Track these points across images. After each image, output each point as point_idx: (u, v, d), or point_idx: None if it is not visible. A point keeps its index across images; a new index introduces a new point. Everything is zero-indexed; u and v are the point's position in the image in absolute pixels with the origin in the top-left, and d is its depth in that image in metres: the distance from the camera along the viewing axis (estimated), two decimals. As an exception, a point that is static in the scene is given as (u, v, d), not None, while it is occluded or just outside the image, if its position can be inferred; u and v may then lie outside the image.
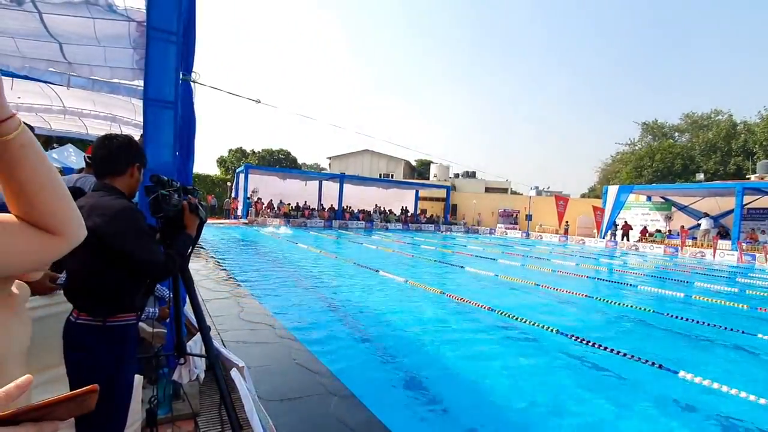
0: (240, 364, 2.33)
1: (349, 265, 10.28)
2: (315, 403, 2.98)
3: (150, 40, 2.72)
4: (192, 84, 2.82)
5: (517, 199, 35.49)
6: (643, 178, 35.71)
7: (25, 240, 0.71)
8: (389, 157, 42.92)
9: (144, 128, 2.62)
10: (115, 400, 1.51)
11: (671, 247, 20.13)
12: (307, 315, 5.51)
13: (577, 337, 4.88)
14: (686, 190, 23.06)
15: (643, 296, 8.29)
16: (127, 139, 1.60)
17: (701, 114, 38.66)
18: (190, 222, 1.79)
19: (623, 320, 6.22)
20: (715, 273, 13.08)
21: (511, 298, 7.40)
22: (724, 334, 5.54)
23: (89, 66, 4.07)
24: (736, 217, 18.96)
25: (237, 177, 27.12)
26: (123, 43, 3.35)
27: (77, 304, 1.52)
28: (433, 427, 3.01)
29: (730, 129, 34.28)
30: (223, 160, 42.11)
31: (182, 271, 2.04)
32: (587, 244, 23.56)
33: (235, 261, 10.04)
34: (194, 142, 2.82)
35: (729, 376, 4.08)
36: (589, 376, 4.00)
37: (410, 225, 28.76)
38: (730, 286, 9.92)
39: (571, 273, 10.95)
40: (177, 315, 2.12)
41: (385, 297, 6.89)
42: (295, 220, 24.73)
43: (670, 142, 38.32)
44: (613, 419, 3.22)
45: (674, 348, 5.01)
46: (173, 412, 2.44)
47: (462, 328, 5.32)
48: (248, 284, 7.16)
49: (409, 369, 3.92)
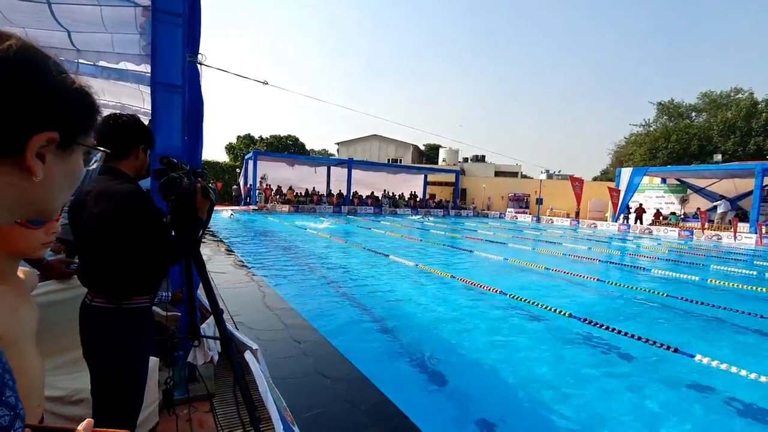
0: (254, 346, 2.34)
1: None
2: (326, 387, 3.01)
3: (156, 23, 2.68)
4: (198, 66, 2.78)
5: (528, 183, 35.05)
6: (658, 160, 34.93)
7: None
8: (398, 142, 42.60)
9: (152, 113, 2.60)
10: (132, 381, 1.52)
11: (686, 230, 19.77)
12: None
13: (591, 320, 4.84)
14: (703, 172, 22.48)
15: (657, 280, 8.19)
16: (133, 119, 1.57)
17: (720, 93, 37.46)
18: (202, 205, 1.78)
19: (637, 304, 6.15)
20: (733, 256, 12.84)
21: (522, 282, 7.36)
22: (742, 318, 5.45)
23: (97, 53, 4.07)
24: (756, 199, 18.48)
25: (246, 163, 27.21)
26: (129, 28, 3.32)
27: (92, 288, 1.52)
28: (446, 408, 3.03)
29: (751, 108, 33.18)
30: (232, 146, 42.25)
31: (194, 254, 2.04)
32: (599, 228, 23.26)
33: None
34: (203, 125, 2.80)
35: (747, 359, 4.02)
36: (603, 359, 3.97)
37: (419, 210, 28.68)
38: (748, 269, 9.73)
39: (583, 257, 10.84)
40: (190, 298, 2.13)
41: (404, 281, 6.91)
42: (304, 206, 24.82)
43: (686, 122, 37.30)
44: (628, 402, 3.20)
45: (691, 332, 4.95)
46: (189, 394, 2.48)
47: (476, 312, 5.31)
48: (265, 271, 7.23)
49: (424, 352, 3.93)
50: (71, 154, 0.55)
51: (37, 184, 0.50)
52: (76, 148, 0.55)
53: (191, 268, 2.07)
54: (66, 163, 0.54)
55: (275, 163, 27.24)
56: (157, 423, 2.17)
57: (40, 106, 0.48)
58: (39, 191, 0.51)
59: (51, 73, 0.50)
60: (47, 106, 0.49)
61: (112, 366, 1.46)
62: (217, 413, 2.42)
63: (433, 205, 30.57)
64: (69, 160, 0.55)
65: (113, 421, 1.50)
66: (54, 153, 0.51)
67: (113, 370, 1.47)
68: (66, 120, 0.51)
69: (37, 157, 0.48)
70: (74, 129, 0.53)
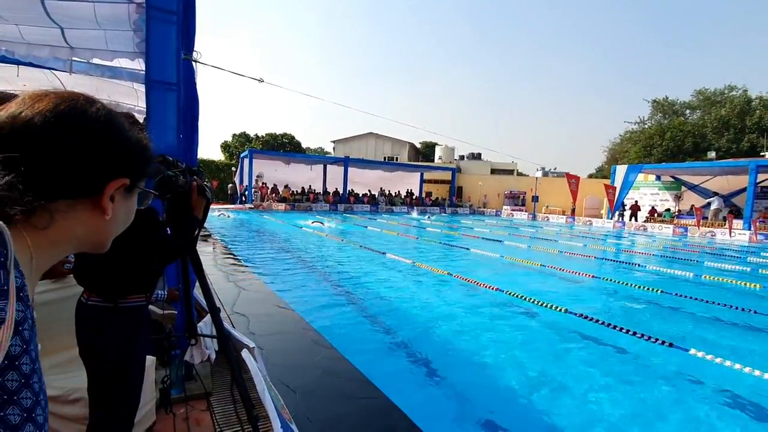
0: (251, 345, 2.34)
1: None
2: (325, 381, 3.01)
3: (150, 20, 2.67)
4: (194, 64, 2.76)
5: (524, 181, 35.15)
6: (653, 157, 35.11)
7: None
8: (394, 139, 42.57)
9: (147, 110, 2.59)
10: (128, 380, 1.52)
11: (680, 227, 19.91)
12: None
13: (587, 316, 4.87)
14: (697, 169, 22.63)
15: (651, 276, 8.24)
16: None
17: (714, 90, 37.66)
18: (197, 203, 1.77)
19: (632, 300, 6.19)
20: (726, 253, 12.94)
21: (519, 278, 7.39)
22: (736, 313, 5.50)
23: (91, 50, 4.04)
24: (749, 196, 18.63)
25: (241, 162, 27.10)
26: (123, 25, 3.30)
27: (88, 287, 1.52)
28: (444, 405, 3.04)
29: (745, 105, 33.40)
30: (227, 145, 42.05)
31: (191, 252, 2.04)
32: (594, 225, 23.38)
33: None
34: (198, 123, 2.79)
35: (741, 354, 4.06)
36: (599, 354, 4.00)
37: (416, 208, 28.70)
38: (742, 266, 9.82)
39: (579, 254, 10.89)
40: (187, 296, 2.12)
41: (400, 278, 6.91)
42: (301, 205, 24.77)
43: (680, 119, 37.49)
44: (624, 395, 3.22)
45: (685, 327, 4.99)
46: (186, 392, 2.48)
47: (473, 308, 5.33)
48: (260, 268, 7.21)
49: (421, 349, 3.94)
50: (132, 196, 0.66)
51: (105, 221, 0.59)
52: (135, 190, 0.66)
53: (188, 267, 2.07)
54: (127, 204, 0.65)
55: (271, 161, 27.16)
56: (155, 422, 2.17)
57: (118, 158, 0.59)
58: (104, 227, 0.61)
59: (126, 131, 0.61)
60: (123, 158, 0.60)
61: (108, 365, 1.46)
62: (215, 411, 2.42)
63: (429, 203, 30.59)
64: (131, 202, 0.66)
65: (110, 420, 1.49)
66: (121, 196, 0.61)
67: (110, 368, 1.46)
68: (134, 168, 0.62)
69: (110, 200, 0.58)
70: (139, 175, 0.64)
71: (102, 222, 0.59)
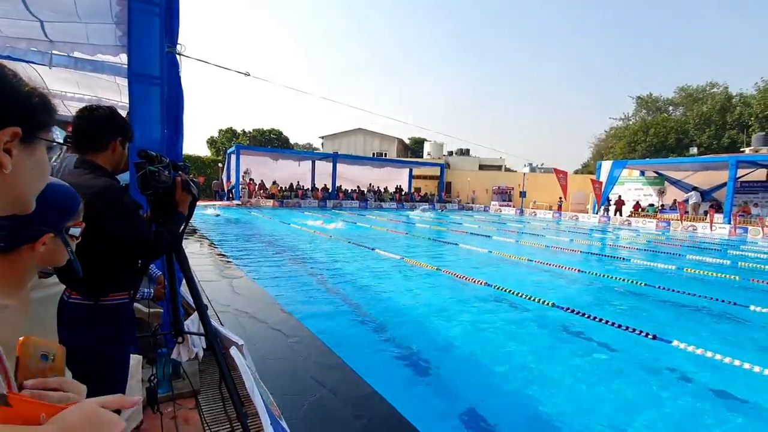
0: (239, 342, 2.32)
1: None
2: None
3: (132, 12, 2.60)
4: (178, 57, 2.71)
5: (511, 176, 35.45)
6: (637, 153, 35.73)
7: None
8: (382, 135, 42.48)
9: (130, 105, 2.53)
10: (110, 379, 1.49)
11: (663, 222, 20.33)
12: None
13: (573, 309, 4.95)
14: (679, 165, 23.13)
15: (636, 269, 8.41)
16: (109, 111, 1.52)
17: (696, 87, 38.43)
18: (182, 199, 1.74)
19: (617, 293, 6.31)
20: (707, 246, 13.26)
21: (506, 273, 7.47)
22: (716, 304, 5.65)
23: (71, 44, 3.92)
24: (729, 191, 19.10)
25: (228, 158, 26.77)
26: (104, 18, 3.21)
27: (69, 284, 1.48)
28: (432, 399, 3.07)
29: (725, 102, 34.17)
30: (214, 140, 41.46)
31: (177, 250, 2.01)
32: (581, 220, 23.73)
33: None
34: (183, 118, 2.74)
35: (721, 344, 4.17)
36: (585, 346, 4.07)
37: (404, 204, 28.74)
38: (722, 258, 10.08)
39: (565, 248, 11.05)
40: (173, 294, 2.09)
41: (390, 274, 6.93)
42: (289, 201, 24.60)
43: (664, 116, 38.18)
44: (610, 387, 3.29)
45: (668, 319, 5.10)
46: (174, 391, 2.45)
47: (461, 303, 5.37)
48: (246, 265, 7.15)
49: (409, 344, 3.96)
50: (35, 148, 0.62)
51: (8, 176, 0.57)
52: (38, 142, 0.63)
53: (173, 264, 2.03)
54: (32, 156, 0.62)
55: (258, 157, 26.88)
56: (142, 421, 2.14)
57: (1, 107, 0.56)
58: (10, 182, 0.59)
59: (8, 80, 0.58)
60: (6, 106, 0.57)
61: (90, 363, 1.43)
62: (203, 410, 2.39)
63: (418, 199, 30.65)
64: (34, 154, 0.62)
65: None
66: (19, 148, 0.59)
67: (91, 367, 1.43)
68: (25, 117, 0.59)
69: (5, 152, 0.56)
70: (33, 124, 0.61)
71: (5, 177, 0.57)
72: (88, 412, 0.53)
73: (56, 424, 0.50)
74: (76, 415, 0.52)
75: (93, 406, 0.55)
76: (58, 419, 0.51)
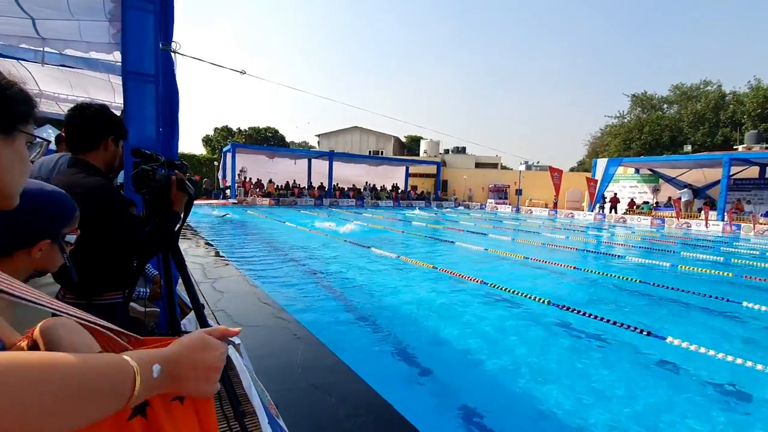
0: (236, 341, 2.31)
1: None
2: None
3: (126, 9, 2.58)
4: (173, 55, 2.69)
5: (507, 174, 35.55)
6: (632, 151, 35.92)
7: None
8: (378, 133, 42.44)
9: (125, 103, 2.51)
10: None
11: (658, 219, 20.47)
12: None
13: (569, 307, 4.98)
14: (674, 162, 23.29)
15: (630, 267, 8.46)
16: (101, 109, 1.51)
17: (690, 85, 38.65)
18: (177, 198, 1.73)
19: (612, 290, 6.35)
20: (701, 243, 13.36)
21: (503, 270, 7.49)
22: (710, 301, 5.70)
23: (64, 41, 3.88)
24: (723, 188, 19.26)
25: (224, 156, 26.65)
26: (98, 15, 3.18)
27: (63, 284, 1.47)
28: (428, 396, 3.08)
29: (719, 100, 34.40)
30: (209, 138, 41.26)
31: (173, 249, 2.00)
32: (576, 217, 23.84)
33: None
34: (178, 116, 2.72)
35: (715, 340, 4.21)
36: (580, 343, 4.09)
37: (401, 202, 28.75)
38: (716, 255, 10.16)
39: (561, 246, 11.10)
40: (169, 294, 2.08)
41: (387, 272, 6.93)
42: (285, 200, 24.54)
43: (658, 114, 38.38)
44: (605, 384, 3.31)
45: (662, 315, 5.14)
46: (170, 390, 2.44)
47: (457, 301, 5.39)
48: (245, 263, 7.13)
49: (406, 342, 3.97)
50: (14, 140, 0.61)
51: None
52: (18, 135, 0.61)
53: (169, 263, 2.02)
54: (11, 149, 0.61)
55: (254, 155, 26.78)
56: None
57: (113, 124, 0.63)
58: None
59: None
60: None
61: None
62: (200, 409, 2.38)
63: (414, 197, 30.67)
64: (13, 146, 0.61)
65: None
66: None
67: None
68: (2, 107, 0.58)
69: None
70: (11, 116, 0.60)
71: None
72: (200, 336, 0.63)
73: (176, 345, 0.60)
74: (191, 338, 0.62)
75: (202, 333, 0.65)
76: (177, 341, 0.61)
